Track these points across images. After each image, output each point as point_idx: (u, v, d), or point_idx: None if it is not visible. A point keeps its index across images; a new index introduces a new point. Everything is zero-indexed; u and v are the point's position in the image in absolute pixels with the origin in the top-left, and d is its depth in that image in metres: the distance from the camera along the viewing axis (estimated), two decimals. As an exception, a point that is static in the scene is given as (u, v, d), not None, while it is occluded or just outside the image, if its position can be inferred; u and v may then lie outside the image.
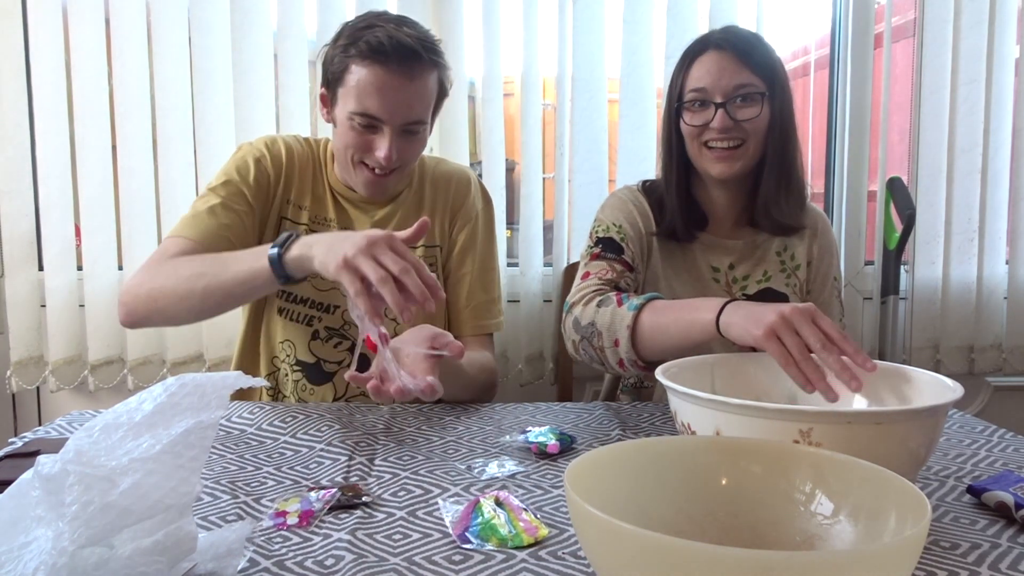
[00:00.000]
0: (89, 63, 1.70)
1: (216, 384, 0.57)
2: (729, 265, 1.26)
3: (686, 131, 1.18)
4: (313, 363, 1.28)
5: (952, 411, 1.12)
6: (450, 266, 1.34)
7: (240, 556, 0.62)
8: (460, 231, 1.34)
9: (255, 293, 1.13)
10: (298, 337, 1.27)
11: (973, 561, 0.63)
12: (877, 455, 0.62)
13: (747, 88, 1.14)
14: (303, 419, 1.05)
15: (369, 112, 1.15)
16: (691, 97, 1.16)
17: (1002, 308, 1.91)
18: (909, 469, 0.71)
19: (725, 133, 1.14)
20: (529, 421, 1.07)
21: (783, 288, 1.26)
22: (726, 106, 1.14)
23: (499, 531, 0.67)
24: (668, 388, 0.77)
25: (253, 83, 1.72)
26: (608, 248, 1.22)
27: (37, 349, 1.79)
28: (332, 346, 1.27)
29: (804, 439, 0.67)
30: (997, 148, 1.86)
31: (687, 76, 1.17)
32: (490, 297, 1.35)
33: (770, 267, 1.27)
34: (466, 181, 1.36)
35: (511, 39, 1.77)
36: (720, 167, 1.17)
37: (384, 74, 1.13)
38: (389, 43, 1.12)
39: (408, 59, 1.13)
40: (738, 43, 1.15)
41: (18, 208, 1.75)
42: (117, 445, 0.54)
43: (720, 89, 1.14)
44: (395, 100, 1.15)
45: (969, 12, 1.82)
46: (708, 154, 1.17)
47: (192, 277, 1.07)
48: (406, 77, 1.14)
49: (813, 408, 0.69)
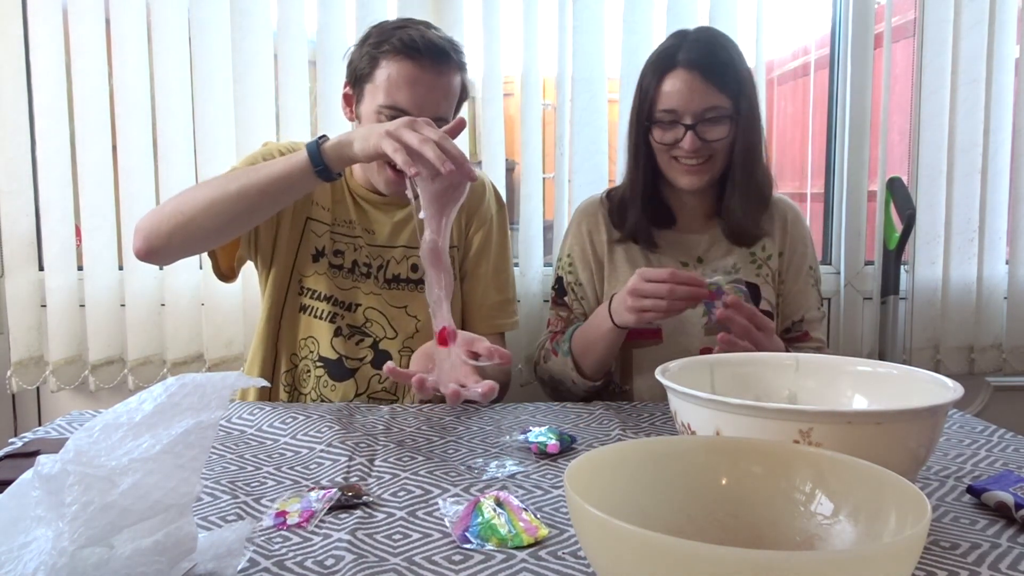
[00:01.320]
0: (89, 63, 1.69)
1: (216, 384, 0.57)
2: (697, 259, 1.31)
3: (656, 146, 1.23)
4: (336, 359, 1.29)
5: (952, 411, 1.12)
6: (466, 267, 1.37)
7: (240, 556, 0.62)
8: (476, 233, 1.37)
9: (292, 192, 1.11)
10: (321, 334, 1.29)
11: (973, 561, 0.63)
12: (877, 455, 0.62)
13: (716, 111, 1.19)
14: (303, 420, 1.05)
15: (398, 105, 1.17)
16: (661, 116, 1.20)
17: (1002, 308, 1.91)
18: (909, 469, 0.71)
19: (694, 152, 1.19)
20: (529, 421, 1.07)
21: (753, 278, 1.30)
22: (695, 128, 1.18)
23: (499, 531, 0.67)
24: (668, 388, 0.77)
25: (253, 83, 1.72)
26: (559, 292, 1.37)
27: (37, 349, 1.79)
28: (354, 343, 1.29)
29: (804, 439, 0.67)
30: (997, 148, 1.86)
31: (657, 93, 1.21)
32: (504, 297, 1.39)
33: (739, 259, 1.31)
34: (481, 185, 1.39)
35: (511, 39, 1.77)
36: (688, 179, 1.23)
37: (416, 69, 1.17)
38: (422, 41, 1.16)
39: (439, 57, 1.18)
40: (708, 63, 1.18)
41: (18, 208, 1.74)
42: (117, 445, 0.54)
43: (690, 112, 1.18)
44: (424, 95, 1.18)
45: (969, 12, 1.82)
46: (677, 166, 1.23)
47: (225, 181, 1.08)
48: (436, 73, 1.18)
49: (813, 408, 0.69)
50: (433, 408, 1.14)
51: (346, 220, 1.31)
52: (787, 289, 1.33)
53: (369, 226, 1.32)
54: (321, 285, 1.28)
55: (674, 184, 1.25)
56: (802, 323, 1.32)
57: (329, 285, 1.29)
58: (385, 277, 1.31)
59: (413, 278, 1.32)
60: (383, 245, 1.32)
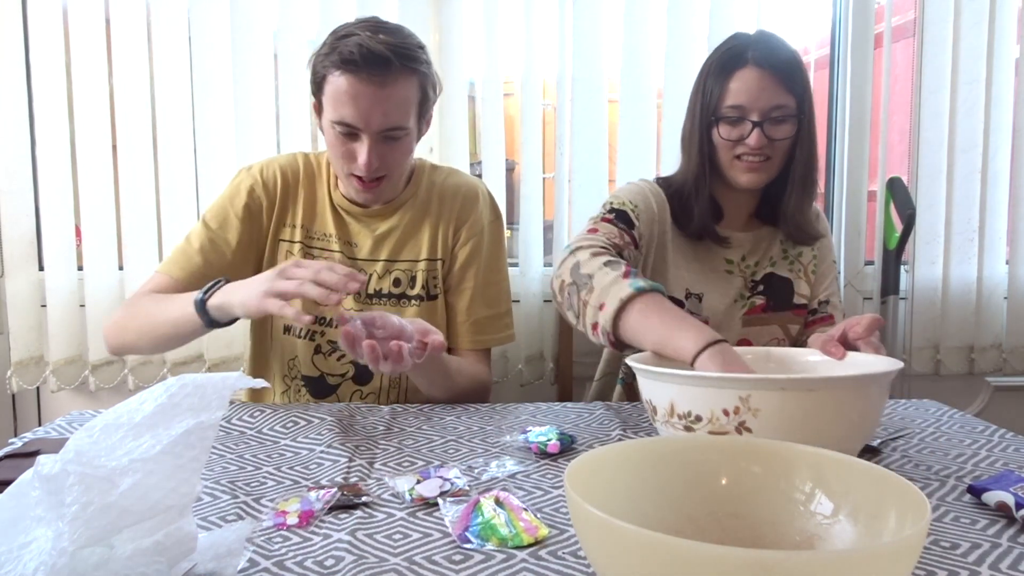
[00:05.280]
0: (89, 63, 1.70)
1: (216, 385, 0.57)
2: (741, 257, 1.32)
3: (720, 143, 1.22)
4: (317, 377, 1.29)
5: (952, 411, 1.13)
6: (451, 280, 1.33)
7: (240, 556, 0.62)
8: (463, 245, 1.33)
9: (186, 336, 1.17)
10: (302, 352, 1.29)
11: (973, 561, 0.63)
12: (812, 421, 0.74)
13: (782, 109, 1.18)
14: (304, 424, 1.05)
15: (345, 120, 1.16)
16: (728, 112, 1.19)
17: (1002, 308, 1.91)
18: (847, 436, 0.78)
19: (759, 150, 1.19)
20: (529, 421, 1.07)
21: (786, 273, 1.33)
22: (762, 125, 1.18)
23: (499, 531, 0.67)
24: (634, 368, 0.86)
25: (253, 83, 1.72)
26: (620, 219, 1.22)
27: (37, 349, 1.79)
28: (335, 359, 1.29)
29: (744, 405, 0.75)
30: (997, 148, 1.86)
31: (725, 90, 1.19)
32: (494, 312, 1.34)
33: (774, 254, 1.34)
34: (473, 195, 1.35)
35: (511, 39, 1.77)
36: (749, 177, 1.22)
37: (356, 83, 1.14)
38: (359, 52, 1.12)
39: (379, 67, 1.13)
40: (777, 63, 1.18)
41: (18, 208, 1.75)
42: (117, 445, 0.54)
43: (758, 108, 1.18)
44: (368, 108, 1.15)
45: (969, 12, 1.82)
46: (739, 164, 1.22)
47: (147, 316, 1.19)
48: (377, 85, 1.14)
49: (750, 376, 0.78)
50: (433, 408, 1.14)
51: (324, 234, 1.29)
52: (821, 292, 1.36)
53: (349, 239, 1.30)
54: (299, 303, 1.24)
55: (733, 182, 1.24)
56: (827, 304, 1.34)
57: (307, 303, 1.24)
58: (367, 292, 1.29)
59: (395, 292, 1.30)
60: (364, 259, 1.30)
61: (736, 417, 0.76)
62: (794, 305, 1.32)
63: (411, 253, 1.31)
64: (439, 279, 1.32)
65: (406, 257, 1.31)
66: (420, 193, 1.33)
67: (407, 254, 1.31)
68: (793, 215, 1.28)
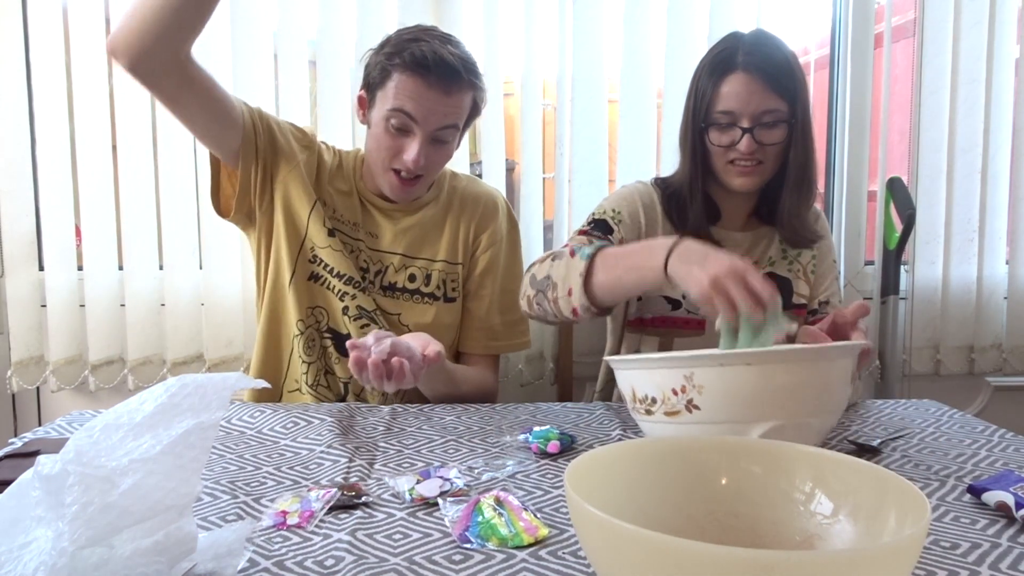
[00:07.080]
0: (89, 63, 1.69)
1: (217, 385, 0.57)
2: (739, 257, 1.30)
3: (712, 148, 1.22)
4: (345, 335, 1.30)
5: (952, 411, 1.13)
6: (469, 286, 1.37)
7: (240, 556, 0.62)
8: (483, 252, 1.37)
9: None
10: (332, 306, 1.30)
11: (973, 561, 0.63)
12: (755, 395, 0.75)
13: (773, 114, 1.18)
14: (304, 425, 1.05)
15: (405, 109, 1.19)
16: (719, 118, 1.19)
17: (1002, 308, 1.91)
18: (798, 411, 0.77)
19: (750, 155, 1.19)
20: (529, 421, 1.07)
21: (785, 273, 1.33)
22: (753, 131, 1.17)
23: (499, 531, 0.67)
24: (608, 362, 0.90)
25: (253, 83, 1.72)
26: (598, 228, 1.25)
27: (37, 349, 1.79)
28: (359, 327, 1.29)
29: (689, 383, 0.77)
30: (997, 148, 1.86)
31: (715, 94, 1.19)
32: (509, 319, 1.38)
33: (773, 254, 1.33)
34: (493, 205, 1.39)
35: (511, 39, 1.77)
36: (742, 181, 1.22)
37: (424, 86, 1.18)
38: (433, 58, 1.17)
39: (448, 76, 1.19)
40: (767, 67, 1.17)
41: (18, 208, 1.75)
42: (117, 445, 0.54)
43: (748, 114, 1.17)
44: (430, 108, 1.20)
45: (969, 12, 1.82)
46: (732, 168, 1.22)
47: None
48: (444, 92, 1.19)
49: (691, 353, 0.81)
50: (433, 408, 1.14)
51: (352, 221, 1.32)
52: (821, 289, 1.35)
53: (373, 230, 1.33)
54: (335, 261, 1.28)
55: (727, 186, 1.24)
56: (827, 305, 1.34)
57: (343, 263, 1.28)
58: (382, 284, 1.32)
59: (409, 288, 1.33)
60: (384, 250, 1.33)
61: (684, 396, 0.78)
62: (793, 305, 1.32)
63: (429, 252, 1.35)
64: (459, 283, 1.36)
65: (423, 255, 1.34)
66: (442, 196, 1.37)
67: (425, 252, 1.34)
68: (790, 218, 1.27)
